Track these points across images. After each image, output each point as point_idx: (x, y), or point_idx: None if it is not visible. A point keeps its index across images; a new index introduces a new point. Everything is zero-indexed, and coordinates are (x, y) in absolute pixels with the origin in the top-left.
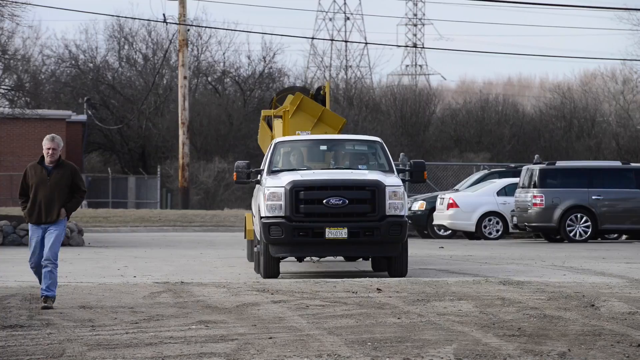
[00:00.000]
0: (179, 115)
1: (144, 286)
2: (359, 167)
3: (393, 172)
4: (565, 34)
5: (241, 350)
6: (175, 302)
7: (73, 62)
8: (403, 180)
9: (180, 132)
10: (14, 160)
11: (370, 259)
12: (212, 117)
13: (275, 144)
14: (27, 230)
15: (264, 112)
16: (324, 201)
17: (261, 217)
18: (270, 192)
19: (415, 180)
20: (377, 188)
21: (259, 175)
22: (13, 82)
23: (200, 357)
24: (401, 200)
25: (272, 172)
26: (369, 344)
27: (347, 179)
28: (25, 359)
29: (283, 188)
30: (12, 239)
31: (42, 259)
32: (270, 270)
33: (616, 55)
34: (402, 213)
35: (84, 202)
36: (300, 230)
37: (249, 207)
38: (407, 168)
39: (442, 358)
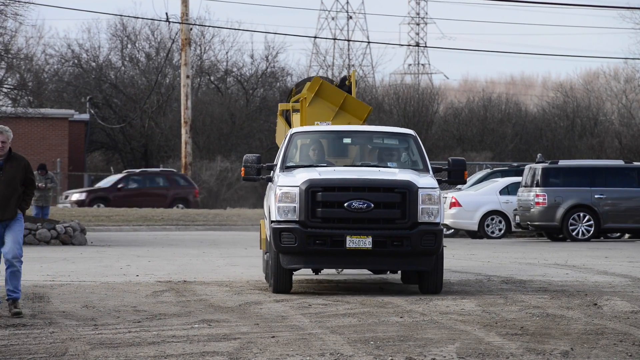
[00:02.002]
0: (182, 114)
1: (146, 285)
2: (389, 164)
3: (428, 171)
4: (568, 32)
5: (244, 349)
6: (178, 301)
7: (76, 61)
8: (439, 181)
9: (183, 131)
10: None
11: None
12: (214, 116)
13: (292, 135)
14: (29, 230)
15: (281, 106)
16: (345, 204)
17: (271, 221)
18: (283, 192)
19: (454, 181)
20: (408, 190)
21: (271, 172)
22: (16, 81)
23: (203, 356)
24: (436, 205)
25: (286, 168)
26: (372, 342)
27: (373, 179)
28: (27, 358)
29: (298, 188)
30: None
31: (7, 259)
32: (282, 283)
33: (619, 54)
34: (437, 220)
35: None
36: (317, 238)
37: (252, 206)
38: (445, 167)
39: (444, 357)
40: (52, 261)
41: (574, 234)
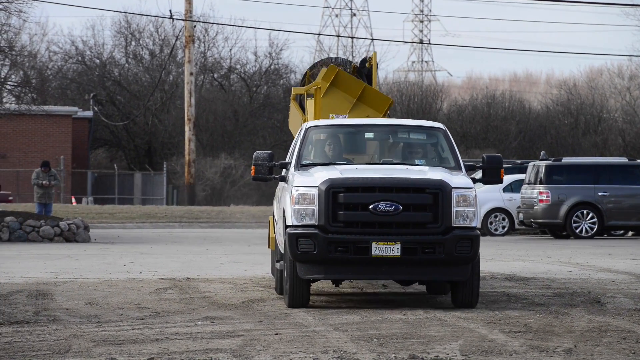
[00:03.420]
0: (185, 111)
1: (150, 282)
2: (416, 161)
3: (461, 168)
4: (572, 30)
5: (247, 346)
6: (181, 298)
7: (79, 58)
8: (473, 180)
9: (187, 128)
10: (20, 157)
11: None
12: (218, 114)
13: (307, 130)
14: (33, 226)
15: (294, 90)
16: (371, 207)
17: (287, 226)
18: (300, 193)
19: (490, 180)
20: (441, 190)
21: (284, 170)
22: (20, 78)
23: (206, 353)
24: (472, 207)
25: (301, 166)
26: (375, 340)
27: (402, 178)
28: (31, 355)
29: (317, 188)
30: (19, 235)
31: None
32: (298, 296)
33: (622, 52)
34: (473, 224)
35: (90, 198)
36: (339, 245)
37: (255, 203)
38: (480, 164)
39: (448, 354)
40: (56, 258)
41: (577, 231)
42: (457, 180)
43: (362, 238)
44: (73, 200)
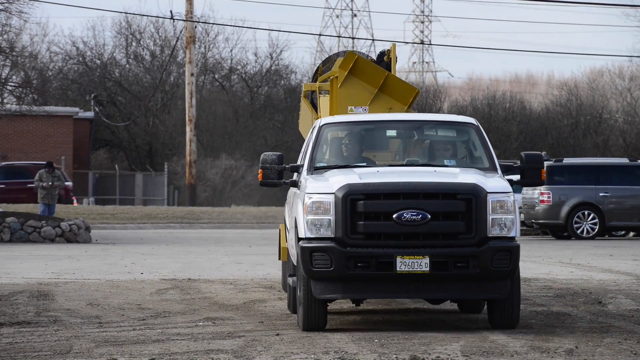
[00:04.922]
0: (186, 112)
1: (151, 283)
2: (445, 162)
3: (496, 170)
4: (573, 30)
5: (248, 347)
6: (183, 299)
7: (80, 59)
8: (510, 182)
9: (187, 129)
10: (21, 157)
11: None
12: (218, 114)
13: (321, 127)
14: (35, 227)
15: (305, 87)
16: (395, 216)
17: (299, 239)
18: (314, 201)
19: (529, 182)
20: (474, 196)
21: (296, 174)
22: (20, 79)
23: (208, 354)
24: (510, 215)
25: (315, 169)
26: (376, 340)
27: (429, 182)
28: (32, 356)
29: (332, 195)
30: (20, 236)
31: None
32: (314, 318)
33: (623, 52)
34: (511, 234)
35: (92, 199)
36: (358, 260)
37: (256, 204)
38: (518, 164)
39: (449, 355)
40: (57, 259)
41: (578, 232)
42: (493, 183)
43: (385, 252)
44: (74, 200)
